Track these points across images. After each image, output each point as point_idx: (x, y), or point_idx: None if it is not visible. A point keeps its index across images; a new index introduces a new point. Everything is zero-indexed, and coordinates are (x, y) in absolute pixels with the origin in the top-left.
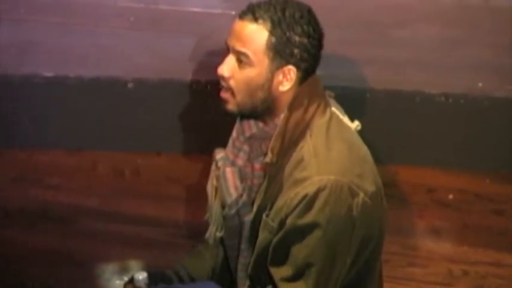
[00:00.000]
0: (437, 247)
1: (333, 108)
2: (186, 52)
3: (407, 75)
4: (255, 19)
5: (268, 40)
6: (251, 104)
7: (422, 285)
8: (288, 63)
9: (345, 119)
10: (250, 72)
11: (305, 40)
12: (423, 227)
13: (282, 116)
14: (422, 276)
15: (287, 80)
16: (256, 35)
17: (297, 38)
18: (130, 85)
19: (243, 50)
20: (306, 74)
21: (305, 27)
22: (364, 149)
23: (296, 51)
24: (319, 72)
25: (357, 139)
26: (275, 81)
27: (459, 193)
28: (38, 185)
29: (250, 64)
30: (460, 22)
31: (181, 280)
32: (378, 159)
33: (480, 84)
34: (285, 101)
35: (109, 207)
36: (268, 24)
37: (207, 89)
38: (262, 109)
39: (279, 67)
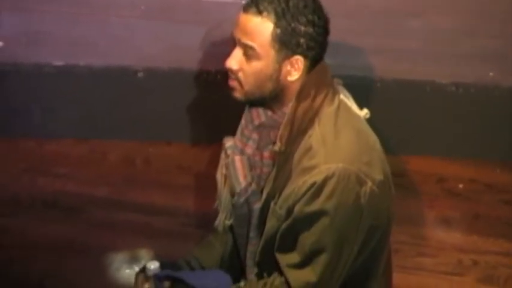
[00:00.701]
0: (447, 237)
1: (342, 96)
2: (197, 41)
3: (418, 64)
4: (259, 12)
5: (274, 32)
6: (260, 94)
7: (432, 275)
8: (294, 53)
9: (354, 107)
10: (257, 65)
11: (310, 29)
12: (433, 217)
13: (291, 104)
14: (432, 266)
15: (295, 69)
16: (261, 27)
17: (302, 28)
18: (140, 74)
19: (249, 43)
20: (314, 61)
21: (310, 16)
22: (373, 137)
23: (302, 41)
24: (329, 61)
25: (365, 127)
26: (283, 72)
27: (469, 183)
28: (48, 174)
29: (257, 57)
30: (471, 12)
31: (192, 270)
32: (388, 149)
33: (491, 74)
34: (294, 89)
35: (119, 196)
36: (273, 16)
37: (217, 79)
38: (270, 98)
39: (286, 58)
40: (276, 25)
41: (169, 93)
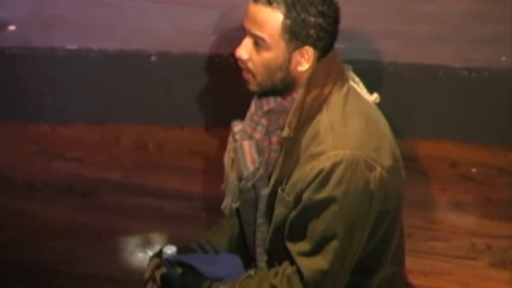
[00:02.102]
0: (460, 221)
1: (351, 82)
2: (209, 26)
3: (431, 49)
4: (269, 2)
5: (284, 23)
6: (271, 84)
7: (444, 259)
8: (305, 44)
9: (363, 92)
10: (267, 55)
11: (320, 20)
12: (446, 201)
13: (300, 91)
14: (444, 250)
15: (305, 60)
16: (271, 18)
17: (312, 19)
18: (153, 58)
19: (259, 33)
20: (324, 51)
21: (320, 7)
22: (383, 122)
23: (312, 31)
24: (342, 45)
25: (375, 112)
26: (293, 62)
27: (482, 167)
28: (61, 158)
29: (267, 47)
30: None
31: (205, 253)
32: (400, 133)
33: (504, 58)
34: (304, 77)
35: (132, 180)
36: (283, 7)
37: (230, 63)
38: (281, 87)
39: (296, 48)
40: (286, 16)
41: (182, 77)
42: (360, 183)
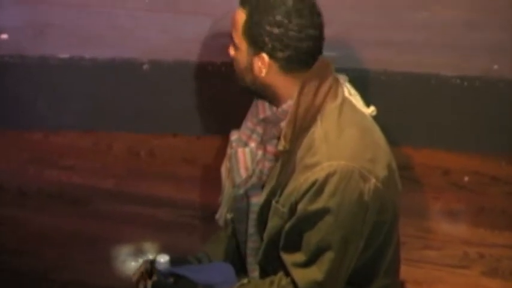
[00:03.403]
0: (453, 229)
1: (346, 93)
2: (202, 34)
3: (423, 57)
4: (242, 3)
5: (245, 25)
6: (244, 84)
7: (437, 268)
8: (261, 50)
9: (359, 104)
10: (237, 55)
11: (276, 30)
12: (439, 210)
13: (291, 102)
14: (437, 258)
15: (264, 66)
16: (239, 18)
17: (267, 27)
18: (145, 66)
19: (231, 32)
20: (288, 63)
21: (279, 17)
22: (378, 134)
23: (267, 40)
24: (334, 53)
25: (370, 124)
26: (255, 67)
27: (475, 175)
28: (54, 166)
29: (236, 47)
30: (476, 4)
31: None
32: (393, 142)
33: (496, 67)
34: (283, 87)
35: (124, 188)
36: (248, 9)
37: (222, 71)
38: (256, 90)
39: (256, 53)
40: (248, 19)
41: (175, 85)
42: (355, 194)
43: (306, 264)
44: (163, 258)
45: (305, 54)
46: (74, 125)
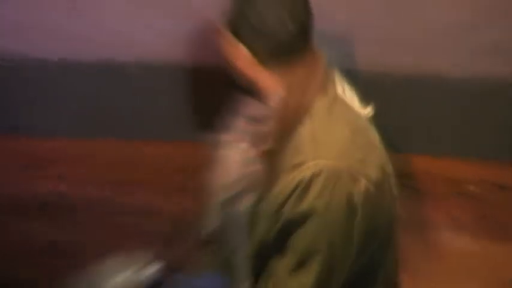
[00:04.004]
0: (456, 240)
1: (339, 91)
2: (194, 35)
3: (426, 60)
4: None
5: (228, 14)
6: (235, 81)
7: (439, 279)
8: (241, 41)
9: (354, 103)
10: (225, 48)
11: (253, 20)
12: (442, 219)
13: (277, 98)
14: (440, 269)
15: (243, 58)
16: (226, 9)
17: (246, 17)
18: (132, 70)
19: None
20: (270, 56)
21: (259, 6)
22: (372, 135)
23: (245, 30)
24: (331, 53)
25: (364, 124)
26: (237, 60)
27: (480, 184)
28: (39, 174)
29: (225, 37)
30: (483, 4)
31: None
32: (395, 148)
33: (504, 70)
34: (268, 83)
35: (113, 196)
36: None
37: (212, 75)
38: (247, 88)
39: (235, 43)
40: (231, 8)
41: (164, 89)
42: (342, 195)
43: (295, 269)
44: (152, 268)
45: (286, 48)
46: (61, 132)
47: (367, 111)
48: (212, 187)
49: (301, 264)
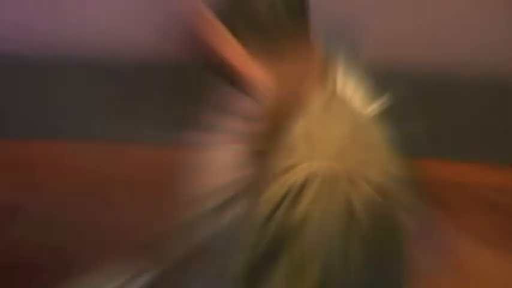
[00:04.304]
0: (471, 252)
1: (340, 87)
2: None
3: (438, 57)
4: None
5: (217, 2)
6: (226, 75)
7: None
8: (228, 30)
9: (357, 99)
10: (216, 39)
11: (243, 9)
12: (454, 228)
13: (267, 92)
14: (452, 282)
15: (231, 47)
16: None
17: (233, 8)
18: (111, 69)
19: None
20: (258, 46)
21: None
22: (376, 135)
23: (232, 19)
24: (333, 50)
25: (367, 122)
26: (225, 46)
27: (496, 191)
28: (16, 177)
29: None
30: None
31: None
32: (403, 151)
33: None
34: (258, 76)
35: (93, 201)
36: None
37: (199, 70)
38: (238, 83)
39: (224, 33)
40: None
41: (157, 89)
42: (340, 199)
43: (290, 279)
44: (141, 279)
45: (277, 37)
46: (38, 133)
47: (371, 108)
48: (198, 193)
49: (297, 274)
